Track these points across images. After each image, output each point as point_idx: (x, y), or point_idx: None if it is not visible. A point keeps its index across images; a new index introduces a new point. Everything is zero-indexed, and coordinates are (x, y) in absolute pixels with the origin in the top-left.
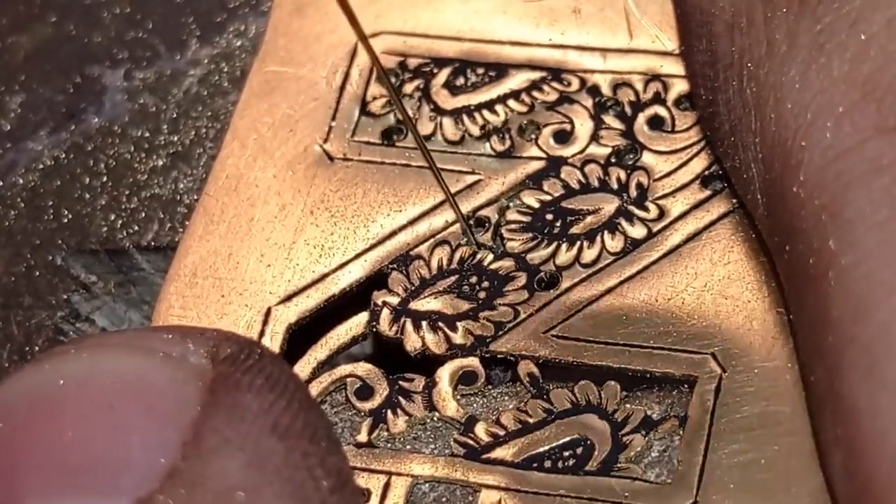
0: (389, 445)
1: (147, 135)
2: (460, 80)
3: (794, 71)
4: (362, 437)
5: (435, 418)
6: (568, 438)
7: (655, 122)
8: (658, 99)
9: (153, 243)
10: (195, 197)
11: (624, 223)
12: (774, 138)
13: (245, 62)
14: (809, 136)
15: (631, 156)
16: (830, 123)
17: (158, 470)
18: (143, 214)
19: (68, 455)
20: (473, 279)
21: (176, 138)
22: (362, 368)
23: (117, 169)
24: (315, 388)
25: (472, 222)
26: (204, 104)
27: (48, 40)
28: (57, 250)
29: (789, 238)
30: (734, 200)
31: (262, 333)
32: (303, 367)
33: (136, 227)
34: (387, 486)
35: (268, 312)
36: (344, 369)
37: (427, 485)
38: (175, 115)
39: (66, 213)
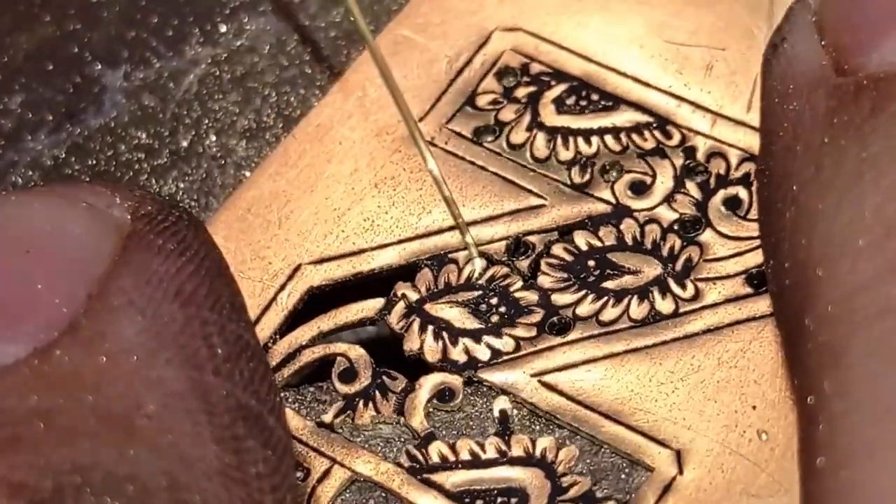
0: (347, 434)
1: (147, 135)
2: (571, 100)
3: (831, 198)
4: (327, 417)
5: (400, 423)
6: (507, 486)
7: (732, 203)
8: (745, 180)
9: None
10: (195, 197)
11: (656, 294)
12: (802, 266)
13: (245, 62)
14: (828, 267)
15: (694, 228)
16: (850, 257)
17: (60, 321)
18: None
19: None
20: (494, 300)
21: (176, 138)
22: (355, 352)
23: (117, 169)
24: (306, 357)
25: (514, 244)
26: (204, 104)
27: (48, 40)
28: None
29: (796, 372)
30: (767, 306)
31: (283, 286)
32: (303, 332)
33: None
34: (326, 473)
35: (297, 268)
36: (338, 347)
37: (362, 484)
38: (175, 116)
39: None
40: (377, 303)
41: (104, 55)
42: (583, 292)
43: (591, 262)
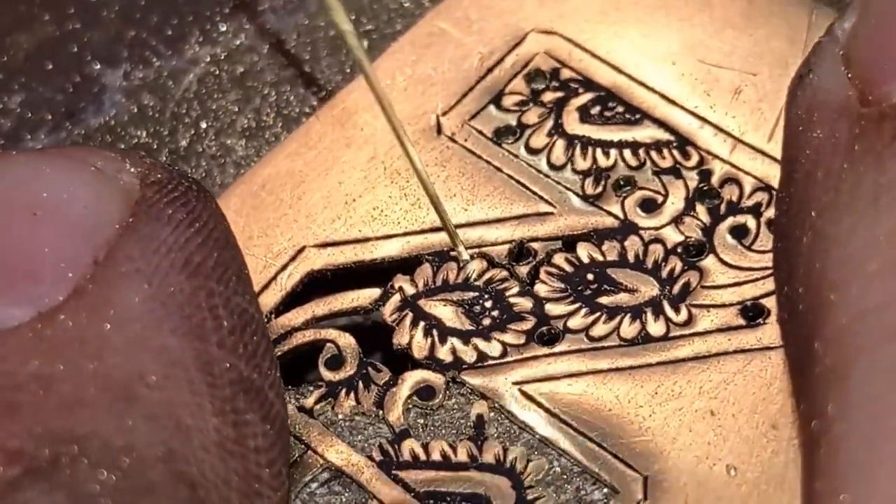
0: (324, 422)
1: (146, 134)
2: (596, 110)
3: (847, 222)
4: (308, 402)
5: (378, 416)
6: (473, 491)
7: (739, 232)
8: (755, 210)
9: None
10: None
11: (649, 315)
12: (815, 290)
13: (245, 61)
14: (840, 291)
15: (697, 253)
16: (861, 281)
17: (65, 286)
18: None
19: None
20: (488, 303)
21: (175, 138)
22: (344, 340)
23: None
24: (297, 339)
25: (517, 249)
26: (203, 103)
27: (48, 39)
28: None
29: (803, 396)
30: (756, 339)
31: (284, 267)
32: (298, 315)
33: None
34: (299, 458)
35: (301, 250)
36: (329, 333)
37: (332, 473)
38: (174, 115)
39: None
40: (373, 293)
41: (104, 54)
42: (577, 305)
43: (590, 276)
